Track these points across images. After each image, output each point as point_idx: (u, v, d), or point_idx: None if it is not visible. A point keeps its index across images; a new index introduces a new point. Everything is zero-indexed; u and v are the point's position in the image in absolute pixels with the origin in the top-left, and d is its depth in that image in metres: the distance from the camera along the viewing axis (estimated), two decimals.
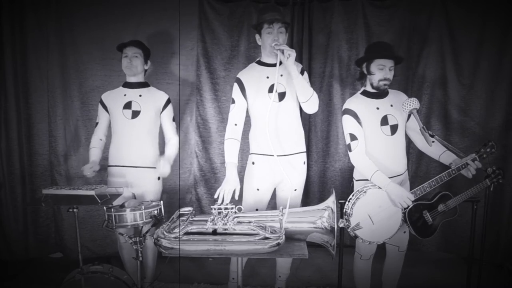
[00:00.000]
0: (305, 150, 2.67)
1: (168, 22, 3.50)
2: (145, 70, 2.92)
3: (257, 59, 2.64)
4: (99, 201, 2.26)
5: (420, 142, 2.52)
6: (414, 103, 2.33)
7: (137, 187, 2.81)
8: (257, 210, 2.59)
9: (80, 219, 2.37)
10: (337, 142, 3.63)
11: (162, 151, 2.93)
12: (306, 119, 3.69)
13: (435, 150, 2.49)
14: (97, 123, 2.93)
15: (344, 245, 2.54)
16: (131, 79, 2.86)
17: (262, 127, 2.49)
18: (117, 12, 3.41)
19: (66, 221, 3.56)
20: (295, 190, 2.58)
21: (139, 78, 2.87)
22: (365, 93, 2.50)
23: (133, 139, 2.79)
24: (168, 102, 2.91)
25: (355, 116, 2.43)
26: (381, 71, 2.39)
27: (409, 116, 2.50)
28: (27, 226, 3.58)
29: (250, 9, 3.53)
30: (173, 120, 2.95)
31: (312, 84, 3.63)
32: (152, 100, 2.85)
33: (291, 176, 2.52)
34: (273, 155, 2.45)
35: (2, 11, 3.32)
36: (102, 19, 3.41)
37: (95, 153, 2.85)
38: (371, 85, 2.46)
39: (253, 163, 2.61)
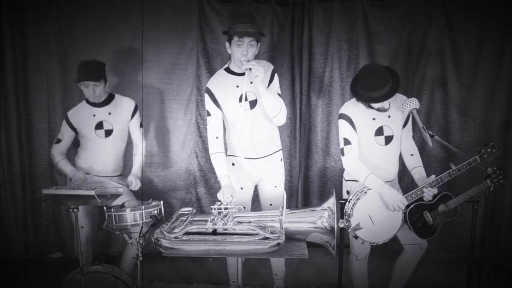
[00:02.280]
0: (280, 147, 2.70)
1: (167, 22, 3.50)
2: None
3: (226, 66, 2.58)
4: (99, 201, 2.26)
5: (405, 147, 2.52)
6: (414, 103, 2.33)
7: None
8: (244, 208, 2.60)
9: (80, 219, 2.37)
10: (337, 142, 3.62)
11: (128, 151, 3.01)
12: (306, 119, 3.69)
13: (411, 161, 2.50)
14: (59, 140, 2.90)
15: (344, 245, 2.54)
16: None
17: (236, 134, 2.50)
18: (117, 12, 3.41)
19: (66, 221, 3.56)
20: (276, 187, 2.61)
21: (104, 97, 2.84)
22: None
23: (108, 155, 2.85)
24: (135, 109, 2.92)
25: (350, 122, 2.41)
26: (378, 103, 2.34)
27: (406, 120, 2.48)
28: (27, 226, 3.58)
29: (250, 9, 3.53)
30: (141, 126, 2.97)
31: (312, 84, 3.66)
32: (121, 113, 2.87)
33: (271, 174, 2.57)
34: (248, 158, 2.50)
35: (2, 11, 3.32)
36: (102, 19, 3.40)
37: (67, 163, 2.84)
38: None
39: (233, 164, 2.63)
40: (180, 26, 3.54)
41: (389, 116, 2.43)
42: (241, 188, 2.61)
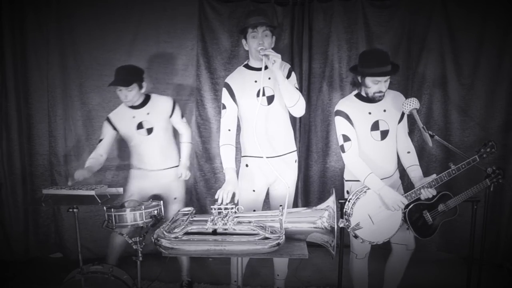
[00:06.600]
0: (295, 149, 2.70)
1: (167, 22, 3.50)
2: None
3: (245, 63, 2.63)
4: (99, 201, 2.26)
5: (401, 145, 2.52)
6: (414, 103, 2.33)
7: (161, 187, 2.96)
8: (254, 211, 2.60)
9: (80, 219, 2.37)
10: (337, 142, 3.61)
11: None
12: (306, 119, 3.69)
13: (408, 159, 2.50)
14: (100, 140, 2.95)
15: (344, 245, 2.54)
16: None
17: (252, 130, 2.50)
18: (117, 12, 3.42)
19: (66, 221, 3.56)
20: (289, 187, 2.60)
21: (140, 100, 2.88)
22: (359, 96, 2.46)
23: (154, 150, 2.91)
24: (174, 105, 2.97)
25: (347, 118, 2.41)
26: (376, 85, 2.35)
27: (401, 117, 2.49)
28: (27, 226, 3.59)
29: (250, 9, 3.53)
30: (182, 116, 3.04)
31: (312, 84, 3.66)
32: (160, 112, 2.92)
33: (285, 175, 2.56)
34: (267, 157, 2.48)
35: (2, 11, 3.32)
36: (102, 19, 3.41)
37: (92, 163, 2.85)
38: (366, 94, 2.42)
39: (246, 165, 2.63)
40: (180, 26, 3.53)
41: (384, 110, 2.43)
42: (254, 191, 2.61)
